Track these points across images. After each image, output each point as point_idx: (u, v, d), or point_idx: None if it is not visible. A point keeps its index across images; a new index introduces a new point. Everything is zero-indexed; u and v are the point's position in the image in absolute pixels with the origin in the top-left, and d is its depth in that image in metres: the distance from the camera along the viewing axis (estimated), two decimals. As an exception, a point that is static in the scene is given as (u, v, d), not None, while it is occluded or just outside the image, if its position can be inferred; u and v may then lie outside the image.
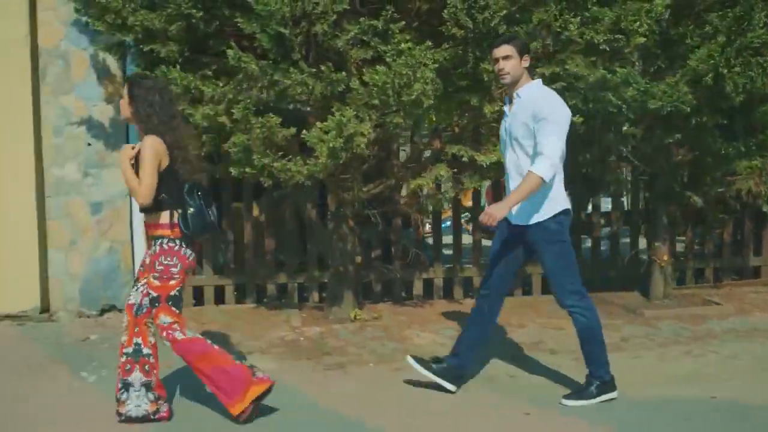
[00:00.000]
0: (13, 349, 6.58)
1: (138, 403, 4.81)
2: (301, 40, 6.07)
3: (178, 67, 6.25)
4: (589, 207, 8.82)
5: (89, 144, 7.60)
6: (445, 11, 6.00)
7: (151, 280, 4.73)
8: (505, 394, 5.42)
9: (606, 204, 9.37)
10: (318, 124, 6.08)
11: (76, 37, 7.52)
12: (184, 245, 4.72)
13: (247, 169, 6.29)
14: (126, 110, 4.81)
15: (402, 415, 5.00)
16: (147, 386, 4.83)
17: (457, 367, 5.40)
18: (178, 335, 4.71)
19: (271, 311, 7.62)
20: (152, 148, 4.60)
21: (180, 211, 4.70)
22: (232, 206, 7.99)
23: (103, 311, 7.71)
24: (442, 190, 7.30)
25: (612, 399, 5.21)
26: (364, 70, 6.17)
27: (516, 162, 5.13)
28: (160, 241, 4.72)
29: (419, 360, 5.44)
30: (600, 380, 5.21)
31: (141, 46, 6.46)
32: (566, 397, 5.24)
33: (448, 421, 4.92)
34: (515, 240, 5.22)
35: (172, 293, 4.71)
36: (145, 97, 4.71)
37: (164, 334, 4.73)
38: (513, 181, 5.15)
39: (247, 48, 6.32)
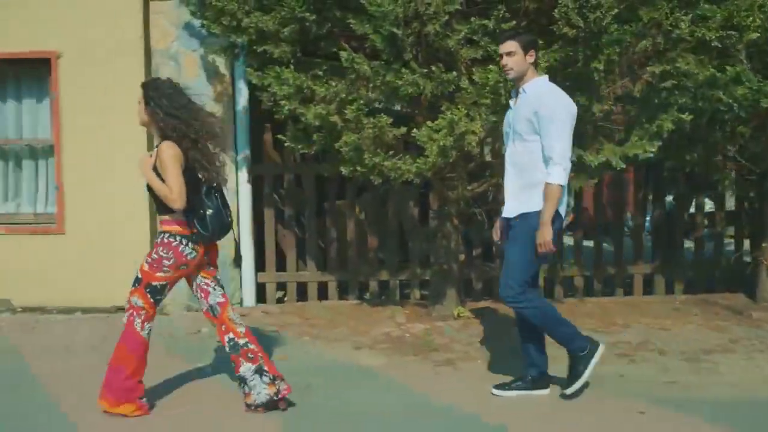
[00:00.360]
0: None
1: (258, 390, 4.96)
2: (412, 41, 6.15)
3: (291, 67, 6.41)
4: (693, 207, 8.74)
5: (199, 143, 7.80)
6: (556, 11, 6.01)
7: (144, 263, 4.88)
8: (618, 393, 5.40)
9: (708, 204, 9.23)
10: (428, 122, 6.17)
11: (187, 40, 7.75)
12: (183, 243, 4.82)
13: (358, 168, 6.41)
14: (142, 114, 4.88)
15: (520, 413, 5.03)
16: (259, 371, 4.98)
17: (540, 375, 5.40)
18: (137, 324, 4.88)
19: (374, 308, 7.74)
20: (170, 152, 4.69)
21: (201, 211, 4.79)
22: (336, 204, 8.13)
23: (210, 306, 7.91)
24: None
25: (602, 354, 5.21)
26: (473, 69, 6.22)
27: (514, 156, 5.16)
28: (162, 235, 4.85)
29: (502, 386, 5.42)
30: (581, 351, 5.19)
31: (255, 47, 6.62)
32: (564, 389, 5.24)
33: (565, 420, 4.94)
34: None
35: (154, 283, 4.84)
36: (161, 97, 4.79)
37: (129, 312, 4.90)
38: (508, 175, 5.20)
39: (356, 49, 6.44)
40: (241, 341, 5.01)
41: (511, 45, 5.07)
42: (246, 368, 4.97)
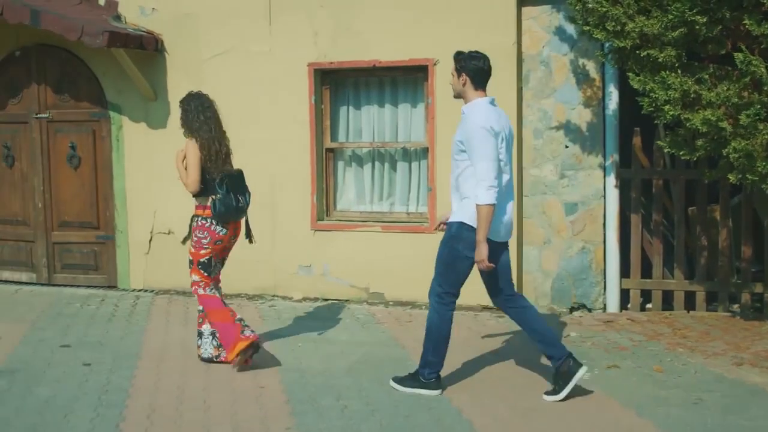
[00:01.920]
0: (501, 339, 6.99)
1: (206, 347, 6.30)
2: (815, 40, 5.78)
3: (679, 71, 6.24)
4: None
5: (567, 146, 7.85)
6: None
7: (190, 247, 6.21)
8: None
9: None
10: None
11: (558, 44, 7.81)
12: (214, 223, 6.08)
13: (748, 176, 6.12)
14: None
15: None
16: (213, 335, 6.26)
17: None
18: (200, 291, 6.19)
19: (749, 321, 7.36)
20: (191, 149, 6.04)
21: (213, 197, 6.00)
22: (705, 210, 7.81)
23: (572, 309, 7.94)
24: None
25: (429, 395, 5.57)
26: None
27: (453, 172, 5.51)
28: (197, 219, 6.13)
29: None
30: (425, 377, 5.61)
31: (638, 51, 6.51)
32: (393, 379, 5.80)
33: None
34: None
35: (202, 260, 6.16)
36: (184, 107, 6.18)
37: (193, 288, 6.24)
38: (452, 195, 5.56)
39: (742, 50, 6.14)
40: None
41: (452, 67, 5.52)
42: (206, 328, 6.28)
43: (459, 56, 5.49)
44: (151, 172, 8.92)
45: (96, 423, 5.23)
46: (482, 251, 5.22)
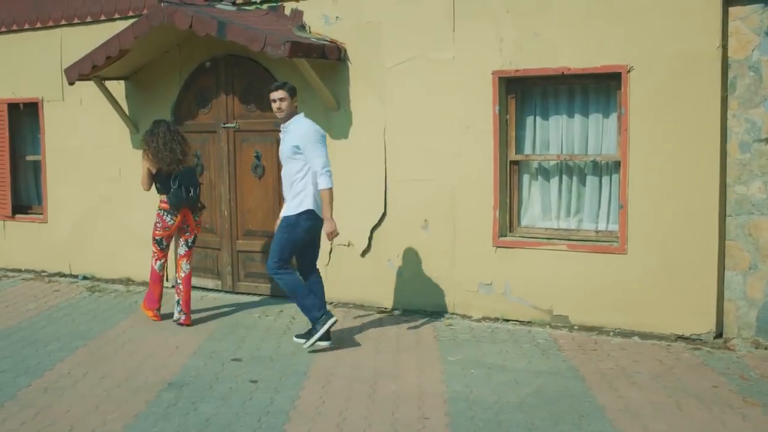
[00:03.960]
0: (695, 377, 6.30)
1: (174, 312, 8.27)
2: None
3: None
4: None
5: (782, 161, 7.03)
6: None
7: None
8: None
9: None
10: None
11: (769, 47, 7.00)
12: (165, 213, 8.03)
13: None
14: None
15: None
16: (178, 302, 8.18)
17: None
18: (152, 261, 8.28)
19: None
20: (143, 161, 8.04)
21: (167, 193, 7.94)
22: None
23: (781, 343, 7.10)
24: None
25: (331, 323, 7.07)
26: None
27: (287, 174, 7.08)
28: (157, 209, 8.08)
29: (300, 335, 7.38)
30: (315, 320, 7.03)
31: None
32: (297, 336, 7.39)
33: None
34: None
35: (156, 238, 8.17)
36: (149, 131, 8.08)
37: (152, 256, 8.30)
38: (285, 190, 7.17)
39: None
40: (178, 279, 8.21)
41: (281, 93, 7.00)
42: (176, 299, 8.18)
43: (287, 84, 7.07)
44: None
45: (251, 448, 5.09)
46: (330, 225, 6.88)
